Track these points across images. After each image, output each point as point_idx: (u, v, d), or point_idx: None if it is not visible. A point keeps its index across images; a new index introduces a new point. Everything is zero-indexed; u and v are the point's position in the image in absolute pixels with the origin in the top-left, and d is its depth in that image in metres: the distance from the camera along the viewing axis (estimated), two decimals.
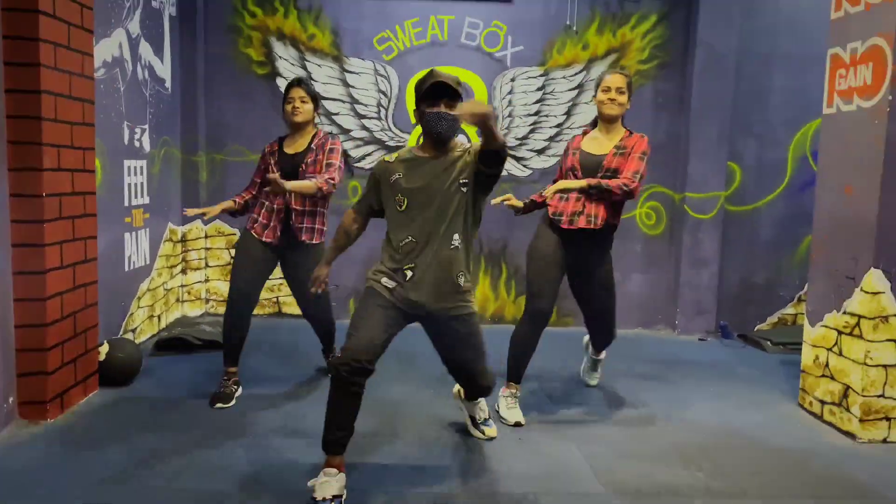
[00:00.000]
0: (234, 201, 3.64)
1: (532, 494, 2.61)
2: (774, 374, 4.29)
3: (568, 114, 5.26)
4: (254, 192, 3.64)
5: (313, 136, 3.53)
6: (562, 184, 3.24)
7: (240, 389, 3.58)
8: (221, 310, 5.29)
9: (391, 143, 5.26)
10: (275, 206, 3.50)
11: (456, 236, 2.63)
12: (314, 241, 3.53)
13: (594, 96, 3.40)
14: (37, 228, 3.01)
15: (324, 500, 2.38)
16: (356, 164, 5.19)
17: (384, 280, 2.66)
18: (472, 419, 3.16)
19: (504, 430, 3.23)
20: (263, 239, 3.51)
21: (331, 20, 5.17)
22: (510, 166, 5.21)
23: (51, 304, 3.09)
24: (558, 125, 5.27)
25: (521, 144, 5.29)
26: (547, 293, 3.36)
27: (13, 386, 3.04)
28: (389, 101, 5.25)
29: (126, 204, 4.17)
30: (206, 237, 5.29)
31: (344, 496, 2.45)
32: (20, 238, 3.00)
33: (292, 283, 3.69)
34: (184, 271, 5.19)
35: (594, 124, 3.47)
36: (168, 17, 4.79)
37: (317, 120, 3.62)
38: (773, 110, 5.19)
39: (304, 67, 5.19)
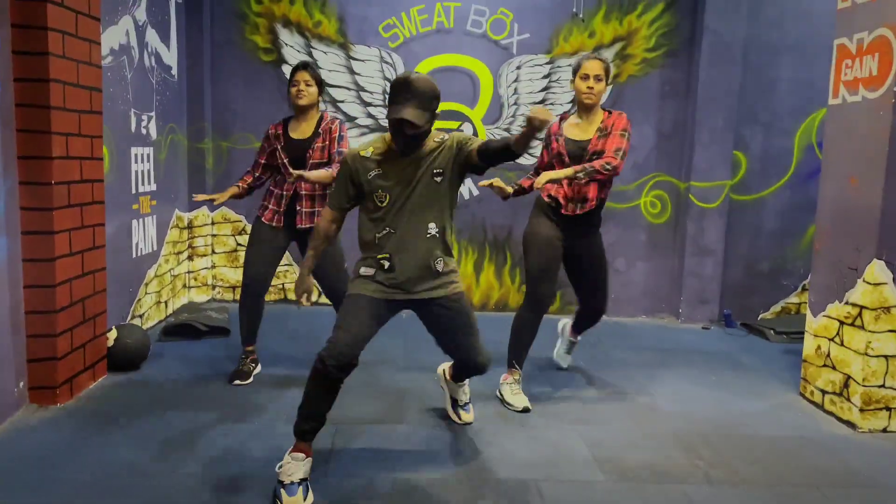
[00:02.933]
0: (239, 186, 3.71)
1: (534, 481, 2.65)
2: (776, 364, 4.31)
3: (574, 101, 5.24)
4: (258, 174, 3.69)
5: (319, 120, 3.56)
6: (551, 174, 3.21)
7: (258, 367, 3.72)
8: (228, 296, 5.35)
9: None
10: (284, 191, 3.56)
11: (432, 225, 2.65)
12: None
13: (572, 81, 3.43)
14: (46, 216, 3.05)
15: (291, 483, 2.43)
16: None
17: (365, 273, 2.68)
18: (454, 401, 3.20)
19: (507, 417, 3.26)
20: (274, 224, 3.57)
21: (337, 7, 5.16)
22: None
23: (60, 290, 3.13)
24: (564, 113, 5.26)
25: None
26: (547, 279, 3.43)
27: (24, 371, 3.09)
28: None
29: (133, 191, 4.20)
30: (213, 224, 5.32)
31: (308, 479, 2.49)
32: (30, 226, 3.03)
33: (316, 272, 3.69)
34: (190, 258, 5.23)
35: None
36: (174, 3, 4.80)
37: (322, 106, 3.62)
38: (780, 99, 5.17)
39: (310, 54, 5.19)
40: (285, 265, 5.33)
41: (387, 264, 2.65)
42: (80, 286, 3.30)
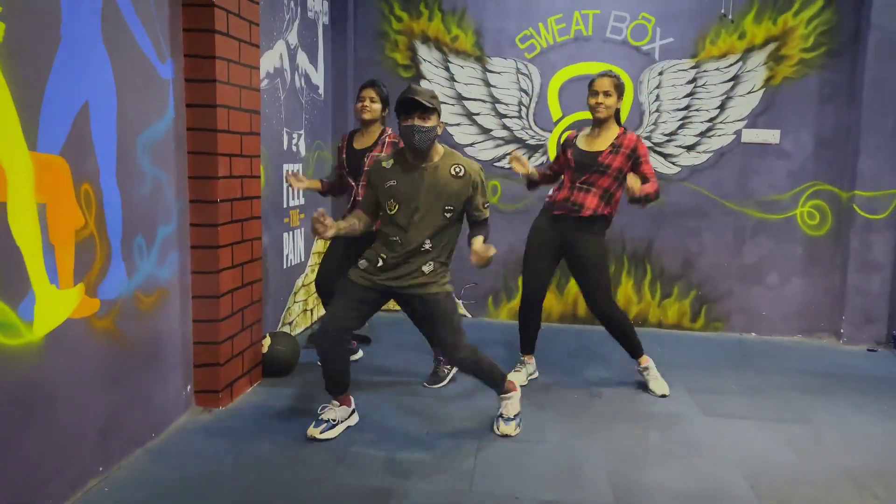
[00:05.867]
0: (322, 181, 4.09)
1: None
2: None
3: (721, 107, 4.99)
4: (335, 179, 4.08)
5: (381, 133, 3.88)
6: (638, 187, 3.43)
7: (359, 354, 4.26)
8: None
9: (531, 142, 5.23)
10: (354, 197, 3.90)
11: (428, 242, 2.98)
12: None
13: (588, 98, 3.64)
14: (212, 231, 3.27)
15: (320, 420, 3.07)
16: (496, 164, 5.22)
17: (362, 265, 3.04)
18: (500, 415, 3.21)
19: (660, 445, 3.12)
20: None
21: (474, 20, 5.21)
22: (657, 164, 5.02)
23: (223, 301, 3.34)
24: (710, 119, 5.02)
25: (668, 140, 5.08)
26: (534, 283, 3.76)
27: (191, 376, 3.33)
28: (531, 100, 5.22)
29: (285, 205, 4.43)
30: None
31: (337, 420, 3.10)
32: (198, 240, 3.27)
33: None
34: None
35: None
36: (322, 25, 5.03)
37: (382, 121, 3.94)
38: None
39: (447, 69, 5.27)
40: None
41: (381, 263, 3.00)
42: (239, 296, 3.51)
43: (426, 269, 2.99)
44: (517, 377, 3.76)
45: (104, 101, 2.62)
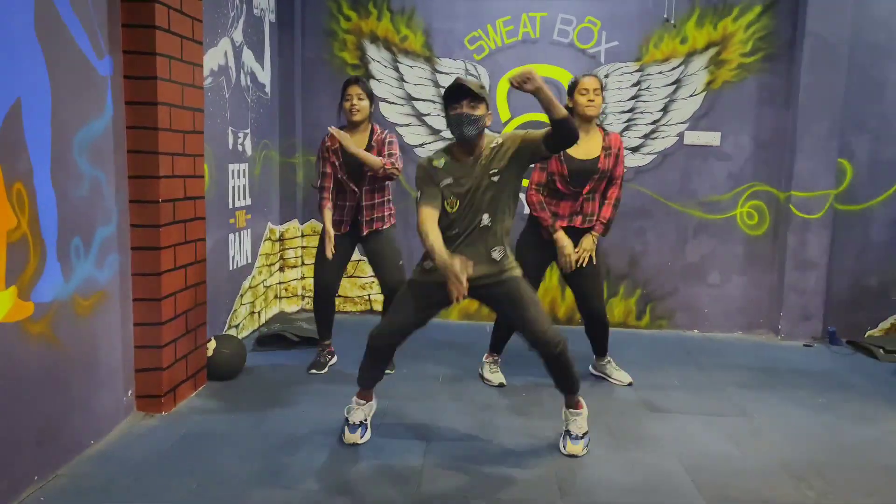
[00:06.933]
0: (330, 209, 3.85)
1: None
2: (886, 385, 4.05)
3: (664, 110, 5.11)
4: (329, 186, 3.83)
5: (371, 132, 3.77)
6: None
7: (334, 359, 4.11)
8: None
9: None
10: (347, 202, 3.81)
11: (485, 216, 2.87)
12: (385, 227, 3.86)
13: (570, 98, 3.67)
14: (153, 233, 3.19)
15: (353, 424, 3.07)
16: None
17: (426, 265, 2.91)
18: (567, 432, 3.06)
19: (602, 440, 3.17)
20: (341, 231, 3.85)
21: (423, 21, 5.21)
22: None
23: (165, 303, 3.26)
24: (654, 122, 5.13)
25: None
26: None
27: (132, 380, 3.24)
28: None
29: (230, 206, 4.35)
30: (303, 236, 5.46)
31: (367, 418, 3.12)
32: (139, 242, 3.18)
33: (376, 269, 3.93)
34: (281, 269, 5.38)
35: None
36: (268, 23, 4.96)
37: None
38: (890, 104, 4.87)
39: (397, 69, 5.26)
40: (370, 276, 5.42)
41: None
42: (183, 299, 3.44)
43: (496, 255, 2.90)
44: (496, 377, 3.88)
45: (38, 99, 2.53)
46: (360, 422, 3.09)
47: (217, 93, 4.08)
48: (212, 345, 3.78)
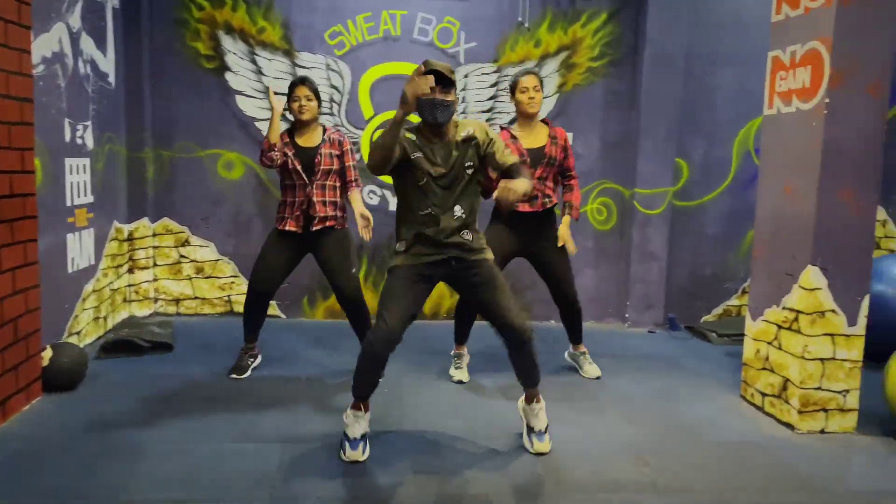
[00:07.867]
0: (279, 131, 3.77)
1: (484, 494, 2.65)
2: (719, 366, 4.42)
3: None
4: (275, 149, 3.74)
5: (324, 130, 3.83)
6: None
7: (257, 361, 4.01)
8: (171, 309, 5.21)
9: None
10: (297, 198, 3.77)
11: (457, 208, 2.92)
12: (337, 227, 3.83)
13: (512, 97, 3.84)
14: None
15: (354, 439, 2.89)
16: None
17: (397, 249, 2.96)
18: (529, 428, 3.10)
19: (449, 435, 3.25)
20: (287, 228, 3.78)
21: (281, 14, 5.09)
22: None
23: None
24: (512, 121, 5.30)
25: None
26: None
27: None
28: (342, 97, 5.21)
29: (68, 203, 4.05)
30: (154, 235, 5.18)
31: (366, 432, 2.95)
32: None
33: (326, 270, 3.87)
34: (131, 270, 5.07)
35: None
36: (111, 9, 4.65)
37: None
38: (720, 108, 5.32)
39: (254, 62, 5.10)
40: (229, 276, 5.23)
41: (426, 231, 2.90)
42: (11, 305, 3.16)
43: (466, 236, 2.94)
44: (461, 374, 3.96)
45: None
46: (362, 435, 2.92)
47: (50, 82, 3.78)
48: (47, 354, 3.50)
